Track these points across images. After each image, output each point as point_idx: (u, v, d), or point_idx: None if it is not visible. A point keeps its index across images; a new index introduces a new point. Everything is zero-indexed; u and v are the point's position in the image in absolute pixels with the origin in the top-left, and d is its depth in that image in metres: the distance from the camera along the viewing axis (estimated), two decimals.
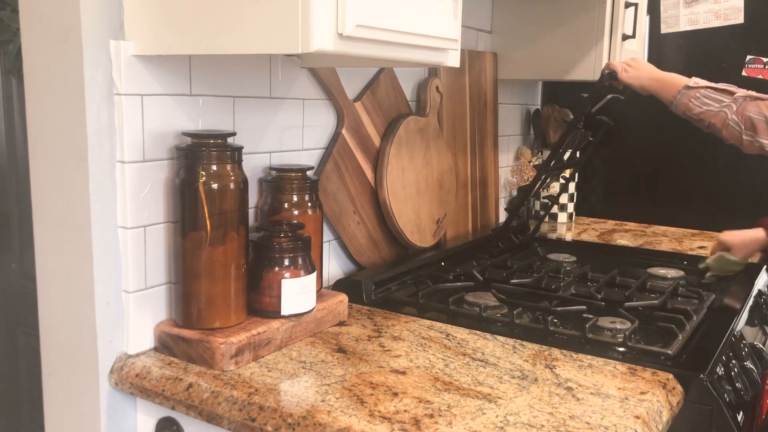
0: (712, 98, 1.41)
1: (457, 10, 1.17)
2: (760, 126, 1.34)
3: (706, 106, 1.41)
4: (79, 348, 1.17)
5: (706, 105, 1.41)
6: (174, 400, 1.08)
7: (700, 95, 1.41)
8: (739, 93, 1.39)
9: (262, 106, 1.35)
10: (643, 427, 0.97)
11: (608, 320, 1.36)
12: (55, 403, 1.24)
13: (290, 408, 0.99)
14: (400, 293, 1.54)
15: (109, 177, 1.13)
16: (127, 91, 1.11)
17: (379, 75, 1.63)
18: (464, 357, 1.19)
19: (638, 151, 2.43)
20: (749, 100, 1.36)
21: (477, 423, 0.96)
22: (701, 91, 1.42)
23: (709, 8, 2.24)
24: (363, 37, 0.99)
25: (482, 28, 2.13)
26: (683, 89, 1.44)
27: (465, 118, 2.00)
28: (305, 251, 1.24)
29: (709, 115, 1.41)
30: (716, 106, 1.40)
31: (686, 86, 1.44)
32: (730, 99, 1.39)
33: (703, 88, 1.42)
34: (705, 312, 1.47)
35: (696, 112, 1.43)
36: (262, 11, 0.95)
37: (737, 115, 1.37)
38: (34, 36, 1.14)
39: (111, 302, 1.15)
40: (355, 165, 1.58)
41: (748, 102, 1.36)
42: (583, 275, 1.71)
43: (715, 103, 1.40)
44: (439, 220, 1.84)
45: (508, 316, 1.38)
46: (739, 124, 1.36)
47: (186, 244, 1.14)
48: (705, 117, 1.42)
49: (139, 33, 1.09)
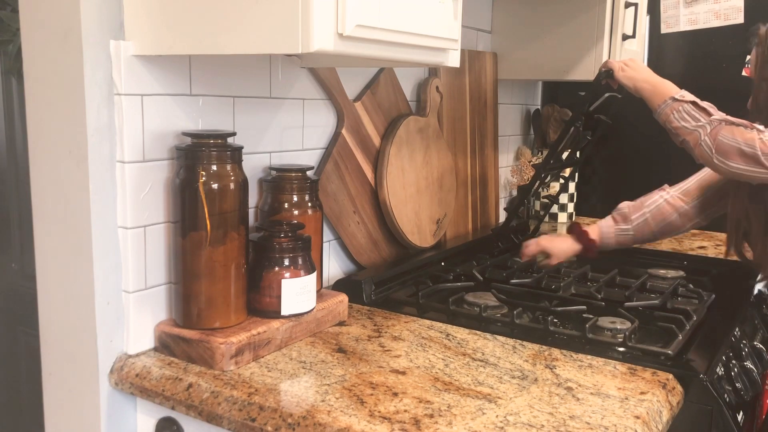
0: (691, 115, 1.40)
1: (457, 10, 1.17)
2: (731, 152, 1.34)
3: (684, 122, 1.40)
4: (79, 348, 1.17)
5: (684, 120, 1.41)
6: (174, 400, 1.08)
7: (682, 109, 1.41)
8: (716, 116, 1.37)
9: (262, 106, 1.35)
10: (643, 427, 0.97)
11: (608, 320, 1.36)
12: (55, 403, 1.24)
13: (290, 408, 0.99)
14: (400, 293, 1.54)
15: (109, 177, 1.13)
16: (127, 91, 1.11)
17: (379, 75, 1.63)
18: (464, 357, 1.19)
19: (638, 151, 2.43)
20: (724, 124, 1.35)
21: (477, 423, 0.96)
22: (684, 106, 1.41)
23: (709, 8, 2.24)
24: (363, 37, 0.99)
25: (482, 28, 2.13)
26: (669, 100, 1.43)
27: (465, 118, 2.00)
28: (305, 251, 1.24)
29: (684, 132, 1.41)
30: (692, 123, 1.39)
31: (672, 97, 1.43)
32: (706, 119, 1.38)
33: (687, 103, 1.41)
34: (705, 312, 1.47)
35: (674, 126, 1.42)
36: (262, 11, 0.95)
37: (710, 137, 1.36)
38: (34, 36, 1.14)
39: (111, 302, 1.15)
40: (355, 165, 1.58)
41: (723, 126, 1.35)
42: (583, 275, 1.71)
43: (692, 120, 1.39)
44: (439, 220, 1.84)
45: (508, 316, 1.38)
46: (711, 147, 1.36)
47: (186, 244, 1.14)
48: (680, 133, 1.42)
49: (139, 33, 1.09)
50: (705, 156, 1.38)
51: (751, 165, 1.32)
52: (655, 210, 1.68)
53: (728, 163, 1.35)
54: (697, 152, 1.40)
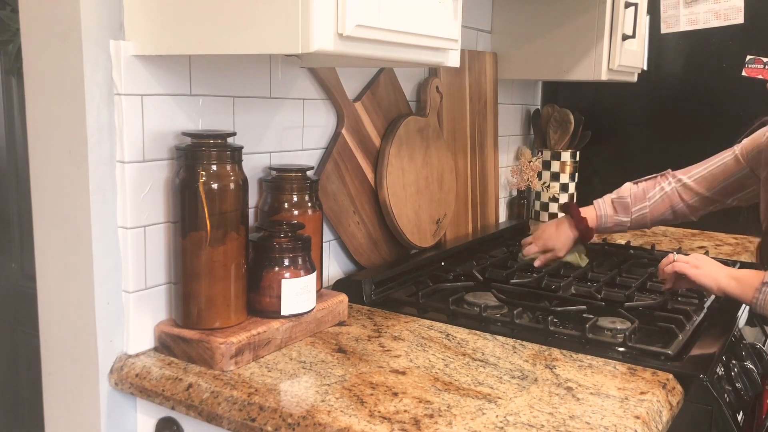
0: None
1: (457, 10, 1.17)
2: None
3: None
4: (79, 348, 1.17)
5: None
6: (174, 400, 1.08)
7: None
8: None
9: (262, 106, 1.35)
10: (643, 427, 0.97)
11: (608, 320, 1.36)
12: (55, 403, 1.24)
13: (290, 408, 0.99)
14: (400, 293, 1.54)
15: (109, 177, 1.13)
16: (127, 91, 1.11)
17: (379, 75, 1.63)
18: (464, 357, 1.19)
19: (638, 151, 2.43)
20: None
21: (477, 423, 0.96)
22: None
23: (709, 8, 2.24)
24: (363, 37, 0.99)
25: (482, 28, 2.13)
26: (762, 286, 1.26)
27: (465, 118, 2.00)
28: (305, 251, 1.24)
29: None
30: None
31: (763, 282, 1.26)
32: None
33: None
34: (705, 312, 1.47)
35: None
36: (262, 11, 0.95)
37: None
38: (34, 36, 1.14)
39: (111, 302, 1.15)
40: (355, 165, 1.58)
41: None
42: (583, 275, 1.71)
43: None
44: (439, 220, 1.84)
45: (508, 316, 1.38)
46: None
47: (186, 244, 1.14)
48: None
49: (139, 33, 1.09)
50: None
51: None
52: (654, 205, 1.69)
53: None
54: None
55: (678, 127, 2.33)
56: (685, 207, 1.67)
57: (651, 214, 1.70)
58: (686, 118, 2.32)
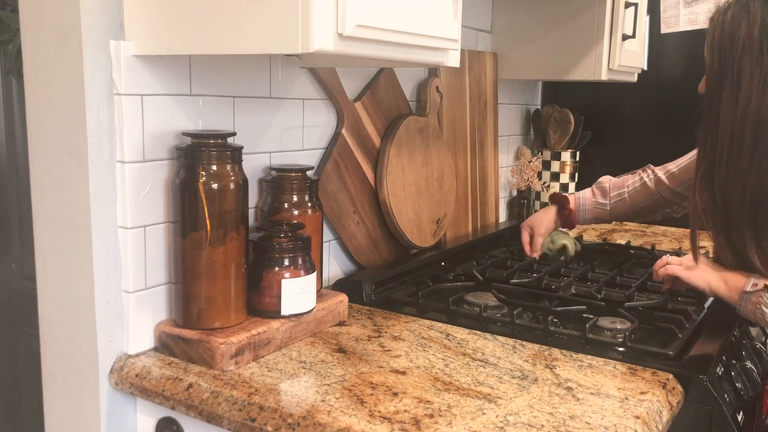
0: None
1: (457, 10, 1.17)
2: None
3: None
4: (79, 348, 1.17)
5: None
6: (174, 400, 1.08)
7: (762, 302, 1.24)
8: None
9: (262, 106, 1.35)
10: (643, 427, 0.97)
11: (608, 320, 1.36)
12: (55, 403, 1.24)
13: (290, 408, 0.99)
14: (400, 293, 1.54)
15: (109, 177, 1.13)
16: (127, 91, 1.11)
17: (379, 75, 1.63)
18: (464, 357, 1.19)
19: (638, 151, 2.42)
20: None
21: (477, 423, 0.96)
22: (764, 298, 1.23)
23: (709, 8, 2.24)
24: (363, 37, 0.99)
25: (482, 28, 2.13)
26: (743, 293, 1.25)
27: (465, 118, 2.00)
28: (305, 251, 1.24)
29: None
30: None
31: (744, 291, 1.25)
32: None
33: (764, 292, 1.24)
34: (705, 312, 1.47)
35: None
36: (262, 11, 0.95)
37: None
38: (34, 36, 1.14)
39: (111, 302, 1.15)
40: (355, 165, 1.58)
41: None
42: (583, 275, 1.71)
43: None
44: (439, 220, 1.84)
45: (508, 316, 1.38)
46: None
47: (186, 244, 1.14)
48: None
49: (139, 33, 1.09)
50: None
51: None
52: (633, 192, 1.71)
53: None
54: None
55: (678, 127, 2.33)
56: (661, 199, 1.69)
57: (630, 200, 1.72)
58: (686, 118, 2.32)
